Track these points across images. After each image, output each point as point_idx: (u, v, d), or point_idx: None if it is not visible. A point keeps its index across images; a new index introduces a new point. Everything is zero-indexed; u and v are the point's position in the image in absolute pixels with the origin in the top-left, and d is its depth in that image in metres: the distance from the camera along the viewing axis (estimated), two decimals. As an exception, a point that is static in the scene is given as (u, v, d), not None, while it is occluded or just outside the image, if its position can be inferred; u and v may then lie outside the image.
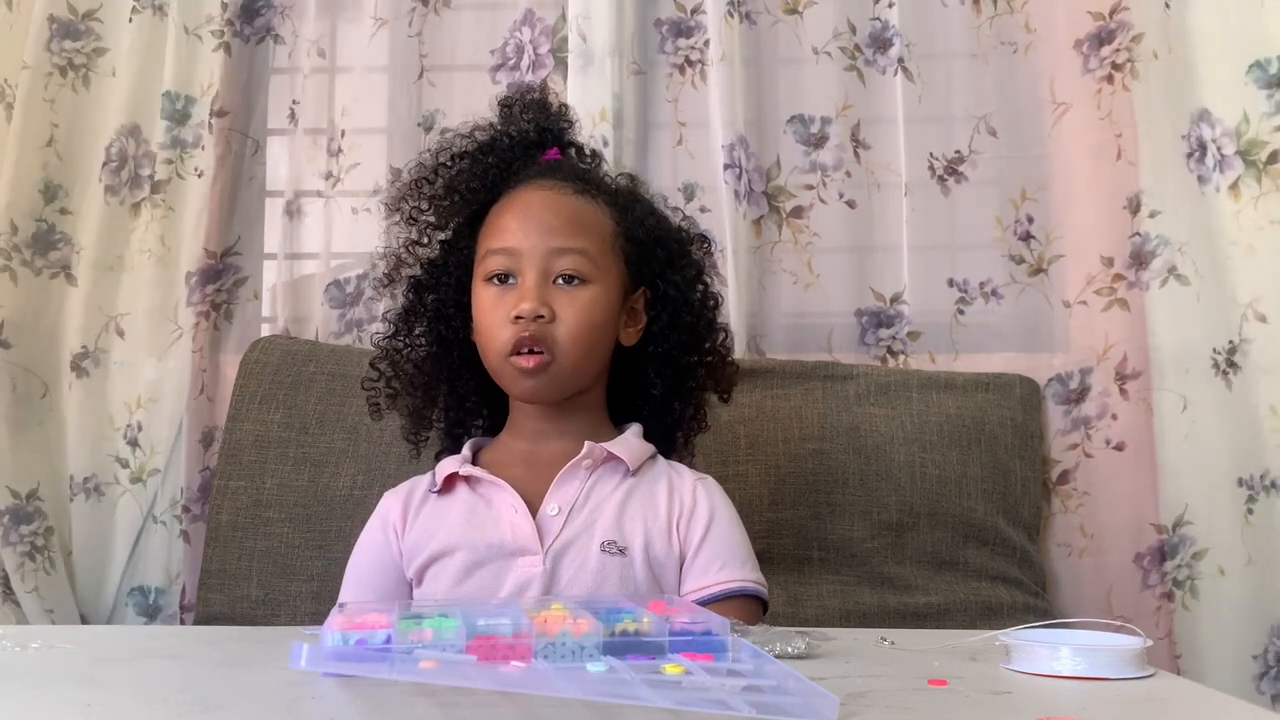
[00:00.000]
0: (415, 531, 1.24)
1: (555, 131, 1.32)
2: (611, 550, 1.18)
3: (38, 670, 0.91)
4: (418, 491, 1.27)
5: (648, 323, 1.28)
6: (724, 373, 1.34)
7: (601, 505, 1.21)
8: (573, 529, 1.20)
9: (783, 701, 0.71)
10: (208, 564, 1.68)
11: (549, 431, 1.26)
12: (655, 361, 1.29)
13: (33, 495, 1.79)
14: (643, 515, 1.21)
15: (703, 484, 1.26)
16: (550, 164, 1.29)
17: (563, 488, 1.22)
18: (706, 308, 1.32)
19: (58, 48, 1.85)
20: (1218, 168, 1.72)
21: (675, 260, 1.30)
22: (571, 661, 0.81)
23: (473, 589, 1.18)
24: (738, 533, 1.25)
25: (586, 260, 1.21)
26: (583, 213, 1.24)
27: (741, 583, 1.21)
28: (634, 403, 1.31)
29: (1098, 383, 1.78)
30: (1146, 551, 1.75)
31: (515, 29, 1.87)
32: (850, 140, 1.85)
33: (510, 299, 1.20)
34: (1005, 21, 1.85)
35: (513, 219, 1.23)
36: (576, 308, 1.20)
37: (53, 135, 1.84)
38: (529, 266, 1.20)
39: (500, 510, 1.21)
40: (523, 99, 1.34)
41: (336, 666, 0.80)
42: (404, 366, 1.31)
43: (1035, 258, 1.83)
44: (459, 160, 1.29)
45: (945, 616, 1.59)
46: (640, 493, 1.23)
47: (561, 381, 1.22)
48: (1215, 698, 0.89)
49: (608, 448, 1.23)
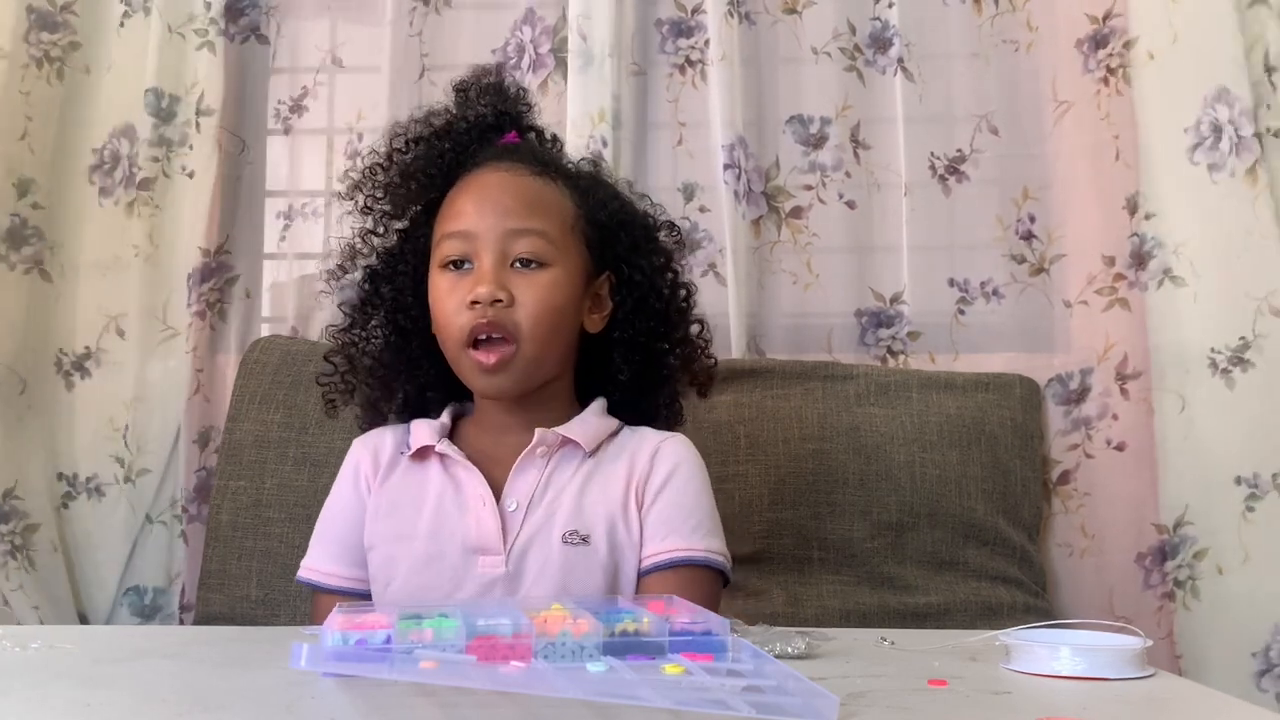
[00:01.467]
0: (380, 497, 1.21)
1: (513, 115, 1.29)
2: (574, 540, 1.15)
3: (38, 670, 0.91)
4: (387, 447, 1.24)
5: (614, 308, 1.25)
6: (700, 365, 1.30)
7: (561, 494, 1.17)
8: (533, 523, 1.16)
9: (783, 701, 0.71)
10: (208, 564, 1.67)
11: (511, 425, 1.21)
12: (622, 347, 1.24)
13: (10, 493, 1.78)
14: (604, 498, 1.17)
15: (667, 443, 1.21)
16: (508, 146, 1.25)
17: (519, 480, 1.18)
18: (676, 295, 1.28)
19: (35, 39, 1.84)
20: (1234, 150, 1.71)
21: (640, 245, 1.26)
22: (571, 661, 0.81)
23: (430, 582, 1.15)
24: (693, 495, 1.19)
25: (545, 242, 1.18)
26: (541, 194, 1.20)
27: (687, 551, 1.15)
28: (605, 394, 1.26)
29: (1098, 383, 1.78)
30: (1148, 551, 1.75)
31: (516, 28, 1.87)
32: (850, 140, 1.85)
33: (466, 284, 1.16)
34: (1007, 20, 1.85)
35: (468, 201, 1.19)
36: (536, 290, 1.16)
37: (26, 129, 1.82)
38: (485, 250, 1.17)
39: (468, 499, 1.18)
40: (479, 82, 1.30)
41: (336, 666, 0.80)
42: (360, 360, 1.28)
43: (1036, 257, 1.83)
44: (414, 146, 1.26)
45: (945, 616, 1.59)
46: (600, 474, 1.19)
47: (524, 373, 1.18)
48: (1215, 698, 0.89)
49: (560, 431, 1.19)
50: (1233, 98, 1.72)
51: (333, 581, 1.22)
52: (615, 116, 1.81)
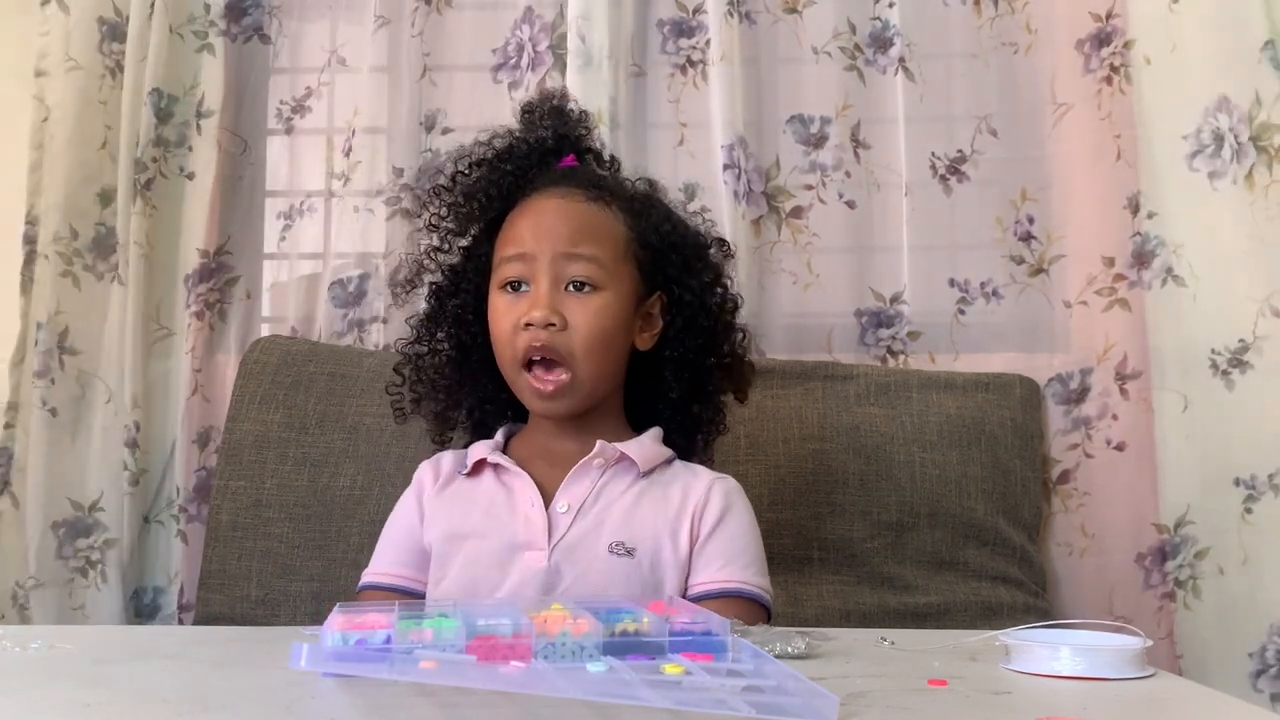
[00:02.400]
0: (436, 505, 1.26)
1: (573, 138, 1.34)
2: (620, 551, 1.19)
3: (38, 670, 0.91)
4: (446, 466, 1.29)
5: (664, 327, 1.29)
6: (741, 373, 1.35)
7: (611, 505, 1.22)
8: (581, 528, 1.21)
9: (783, 701, 0.71)
10: (208, 564, 1.67)
11: (563, 438, 1.27)
12: (672, 365, 1.29)
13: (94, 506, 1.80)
14: (653, 518, 1.22)
15: (720, 483, 1.26)
16: (566, 171, 1.30)
17: (573, 485, 1.23)
18: (725, 310, 1.33)
19: (108, 49, 1.85)
20: (1234, 158, 1.72)
21: (691, 265, 1.30)
22: (571, 661, 0.81)
23: (479, 574, 1.20)
24: (748, 535, 1.25)
25: (598, 267, 1.23)
26: (595, 219, 1.25)
27: (741, 584, 1.21)
28: (653, 408, 1.32)
29: (1098, 383, 1.78)
30: (1148, 551, 1.75)
31: (515, 27, 1.87)
32: (850, 140, 1.85)
33: (522, 305, 1.22)
34: (1006, 21, 1.85)
35: (525, 226, 1.25)
36: (588, 314, 1.21)
37: (106, 138, 1.85)
38: (541, 273, 1.22)
39: (518, 502, 1.23)
40: (544, 105, 1.35)
41: (336, 666, 0.80)
42: (427, 371, 1.33)
43: (1036, 258, 1.83)
44: (477, 168, 1.31)
45: (945, 616, 1.59)
46: (652, 495, 1.24)
47: (579, 396, 1.23)
48: (1215, 698, 0.89)
49: (620, 448, 1.24)
50: (1232, 105, 1.72)
51: (386, 580, 1.26)
52: (613, 118, 1.82)
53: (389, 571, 1.27)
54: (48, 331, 1.79)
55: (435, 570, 1.24)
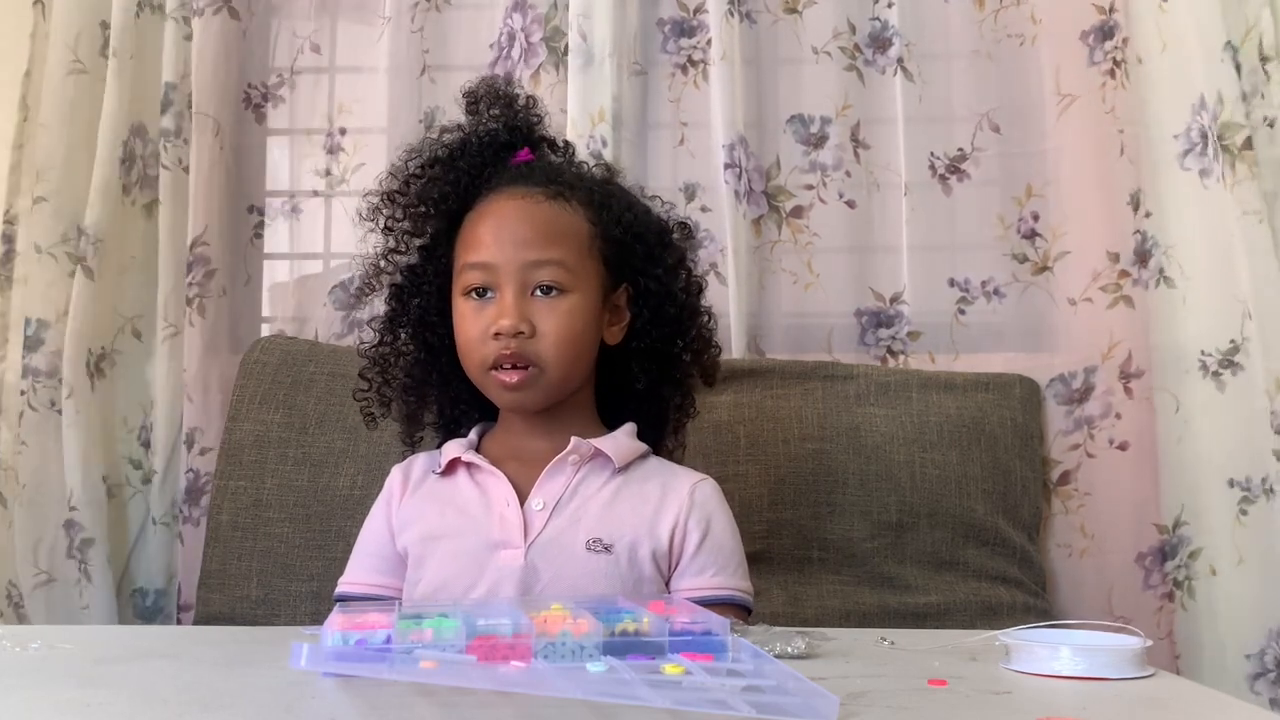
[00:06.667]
0: (408, 508, 1.25)
1: (524, 129, 1.30)
2: (597, 548, 1.18)
3: (38, 670, 0.91)
4: (417, 468, 1.28)
5: (631, 318, 1.28)
6: (708, 357, 1.33)
7: (588, 502, 1.21)
8: (557, 525, 1.19)
9: (783, 701, 0.71)
10: (207, 564, 1.67)
11: (535, 434, 1.25)
12: (640, 356, 1.28)
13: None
14: (631, 514, 1.21)
15: (701, 487, 1.25)
16: (522, 167, 1.26)
17: (548, 483, 1.22)
18: (690, 294, 1.31)
19: (96, 46, 1.84)
20: (1216, 157, 1.72)
21: (655, 253, 1.28)
22: (571, 661, 0.81)
23: (455, 574, 1.19)
24: (732, 539, 1.25)
25: (564, 270, 1.20)
26: (557, 220, 1.22)
27: (732, 591, 1.22)
28: (622, 398, 1.30)
29: (1101, 381, 1.77)
30: (1148, 551, 1.75)
31: (506, 15, 1.86)
32: (850, 140, 1.85)
33: (489, 313, 1.20)
34: (1010, 14, 1.84)
35: (487, 232, 1.22)
36: (557, 318, 1.20)
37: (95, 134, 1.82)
38: (506, 281, 1.19)
39: (493, 501, 1.22)
40: (489, 93, 1.30)
41: (336, 666, 0.81)
42: (393, 373, 1.31)
43: (1039, 255, 1.82)
44: (430, 168, 1.27)
45: (945, 616, 1.59)
46: (629, 491, 1.23)
47: (548, 391, 1.22)
48: (1215, 698, 0.89)
49: (595, 444, 1.23)
50: (1219, 105, 1.72)
51: (359, 589, 1.25)
52: (615, 116, 1.81)
53: (363, 580, 1.26)
54: (33, 329, 1.79)
55: (412, 572, 1.22)
